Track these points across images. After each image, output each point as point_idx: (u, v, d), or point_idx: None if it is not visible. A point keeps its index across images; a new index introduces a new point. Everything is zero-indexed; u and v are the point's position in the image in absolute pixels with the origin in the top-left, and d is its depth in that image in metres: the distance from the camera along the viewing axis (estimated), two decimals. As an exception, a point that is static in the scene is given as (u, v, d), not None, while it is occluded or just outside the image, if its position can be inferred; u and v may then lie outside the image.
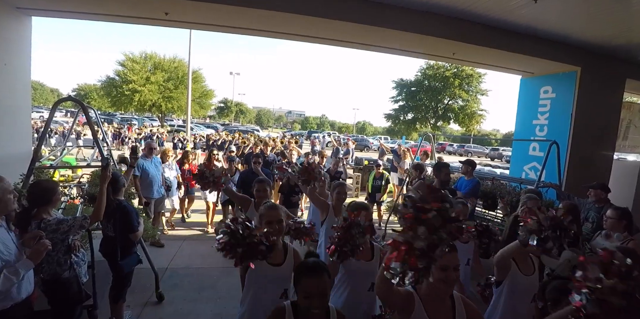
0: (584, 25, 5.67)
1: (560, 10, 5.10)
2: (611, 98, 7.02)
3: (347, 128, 70.71)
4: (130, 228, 3.17)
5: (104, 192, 2.83)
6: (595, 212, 4.07)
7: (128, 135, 20.09)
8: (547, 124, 7.04)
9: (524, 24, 5.66)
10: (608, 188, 4.16)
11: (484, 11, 5.28)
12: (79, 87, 59.45)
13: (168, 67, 32.71)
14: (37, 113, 30.97)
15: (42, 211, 2.55)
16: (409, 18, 5.30)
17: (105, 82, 33.04)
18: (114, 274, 3.23)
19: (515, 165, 7.81)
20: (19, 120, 5.26)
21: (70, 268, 2.70)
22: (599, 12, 5.08)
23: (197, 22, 5.73)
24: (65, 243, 2.65)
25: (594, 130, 6.68)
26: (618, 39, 5.99)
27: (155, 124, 34.78)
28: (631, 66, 7.12)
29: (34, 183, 2.80)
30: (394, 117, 35.97)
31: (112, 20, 5.93)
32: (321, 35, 5.99)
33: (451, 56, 6.68)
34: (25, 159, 4.85)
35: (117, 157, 5.67)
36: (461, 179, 5.51)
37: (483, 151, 35.96)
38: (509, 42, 5.94)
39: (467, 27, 5.64)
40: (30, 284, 2.23)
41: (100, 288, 3.45)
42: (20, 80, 5.23)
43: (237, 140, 14.48)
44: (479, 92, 32.92)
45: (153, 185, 5.50)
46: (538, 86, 7.29)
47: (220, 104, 56.95)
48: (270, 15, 4.90)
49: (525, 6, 4.91)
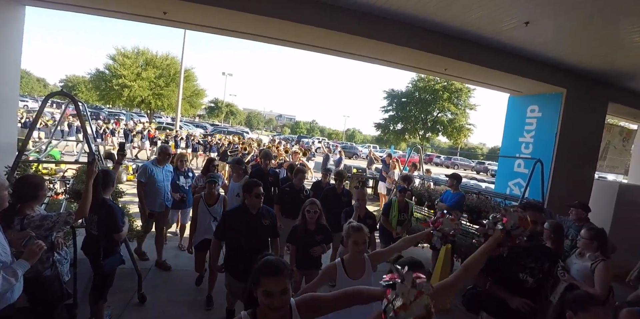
0: (572, 50, 5.89)
1: (549, 34, 5.30)
2: (594, 120, 7.26)
3: (337, 135, 71.02)
4: (115, 227, 3.12)
5: (89, 188, 2.79)
6: (575, 230, 4.19)
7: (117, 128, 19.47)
8: (533, 142, 7.24)
9: (515, 45, 5.84)
10: (588, 207, 4.31)
11: (476, 30, 5.43)
12: (67, 78, 58.28)
13: (160, 63, 32.31)
14: (21, 103, 30.25)
15: (26, 207, 2.50)
16: (403, 32, 5.41)
17: (94, 75, 32.48)
18: (95, 273, 3.18)
19: (501, 181, 7.98)
20: (6, 111, 5.14)
21: (52, 266, 2.65)
22: (586, 39, 5.32)
23: (195, 23, 5.73)
24: (48, 240, 2.60)
25: (577, 149, 6.90)
26: (603, 64, 6.24)
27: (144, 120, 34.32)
28: (614, 90, 7.41)
29: (20, 178, 2.74)
30: (384, 126, 36.26)
31: (109, 16, 5.86)
32: (315, 43, 6.05)
33: (443, 72, 6.82)
34: (10, 151, 4.77)
35: (103, 153, 5.60)
36: (447, 192, 5.62)
37: (469, 164, 36.51)
38: (500, 62, 6.11)
39: (460, 45, 5.79)
40: (21, 284, 2.18)
41: (82, 286, 3.40)
42: (9, 70, 5.12)
43: (237, 144, 13.34)
44: (468, 106, 33.51)
45: (157, 197, 4.79)
46: (525, 105, 7.50)
47: (210, 104, 56.58)
48: (267, 21, 4.95)
49: (517, 28, 5.08)
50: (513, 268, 2.52)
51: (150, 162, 4.90)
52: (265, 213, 3.35)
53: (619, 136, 9.11)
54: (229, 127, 43.63)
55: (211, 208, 4.23)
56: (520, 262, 2.51)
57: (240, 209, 3.33)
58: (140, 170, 4.83)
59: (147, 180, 4.72)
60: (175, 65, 32.10)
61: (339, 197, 5.22)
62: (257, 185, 3.25)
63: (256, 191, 3.22)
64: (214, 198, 4.30)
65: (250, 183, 3.27)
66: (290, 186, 5.00)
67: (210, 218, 4.19)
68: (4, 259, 1.99)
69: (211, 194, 4.27)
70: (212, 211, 4.21)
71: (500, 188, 7.83)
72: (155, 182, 4.75)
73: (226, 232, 3.27)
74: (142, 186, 4.73)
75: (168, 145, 6.11)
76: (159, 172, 4.82)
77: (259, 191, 3.24)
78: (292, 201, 4.82)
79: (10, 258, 2.04)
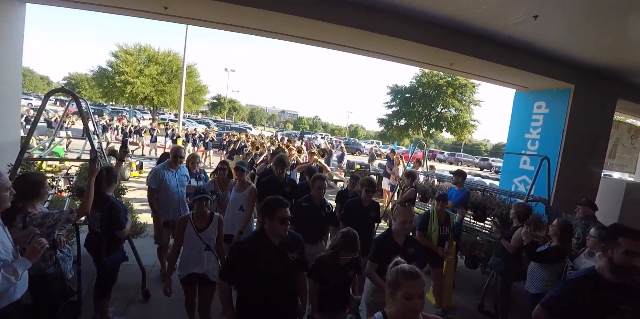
0: (580, 45, 5.79)
1: (558, 29, 5.20)
2: (602, 117, 7.17)
3: (340, 131, 70.87)
4: (118, 224, 3.12)
5: (91, 185, 2.76)
6: (581, 228, 4.15)
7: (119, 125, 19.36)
8: (539, 139, 7.16)
9: (522, 40, 5.75)
10: (596, 206, 4.25)
11: (483, 24, 5.35)
12: (70, 76, 58.40)
13: (162, 60, 32.29)
14: (25, 101, 30.37)
15: (28, 205, 2.48)
16: (409, 26, 5.34)
17: (97, 72, 32.53)
18: (99, 270, 3.18)
19: (506, 178, 7.91)
20: (9, 109, 5.13)
21: (55, 264, 2.64)
22: (596, 33, 5.21)
23: (196, 18, 5.68)
24: (50, 237, 2.58)
25: (584, 147, 6.81)
26: (612, 59, 6.14)
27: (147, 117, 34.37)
28: (623, 87, 7.29)
29: (22, 176, 2.73)
30: (387, 122, 36.13)
31: (109, 12, 5.82)
32: (319, 38, 5.99)
33: (448, 66, 6.73)
34: (13, 149, 4.75)
35: (106, 150, 5.58)
36: (451, 189, 5.57)
37: (473, 160, 36.34)
38: (506, 56, 6.02)
39: (466, 39, 5.70)
40: (24, 283, 2.16)
41: (86, 284, 3.39)
42: (11, 68, 5.10)
43: (243, 141, 12.36)
44: (472, 102, 33.31)
45: (171, 204, 4.25)
46: (532, 101, 7.41)
47: (213, 100, 56.56)
48: (269, 15, 4.89)
49: (525, 22, 4.99)
50: (605, 312, 2.00)
51: (161, 166, 4.34)
52: (290, 242, 2.47)
53: (627, 133, 8.99)
54: (232, 123, 43.62)
55: (203, 233, 3.09)
56: (613, 304, 2.00)
57: (258, 239, 2.40)
58: (150, 176, 4.28)
59: (159, 186, 4.19)
60: (178, 61, 32.08)
61: (367, 212, 4.13)
62: (282, 206, 2.37)
63: (281, 215, 2.34)
64: (205, 219, 3.15)
65: (274, 202, 2.39)
66: (308, 201, 3.88)
67: (202, 246, 3.08)
68: (4, 257, 1.97)
69: (201, 214, 3.12)
70: (204, 237, 3.09)
71: (505, 185, 7.77)
72: (167, 188, 4.19)
73: (239, 273, 2.34)
74: (153, 193, 4.18)
75: (180, 145, 5.36)
76: (171, 177, 4.26)
77: (285, 215, 2.35)
78: (311, 220, 3.76)
79: (10, 256, 2.02)
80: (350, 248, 2.64)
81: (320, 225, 3.84)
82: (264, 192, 4.06)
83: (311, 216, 3.77)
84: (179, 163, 4.36)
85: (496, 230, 4.04)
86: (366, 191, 4.15)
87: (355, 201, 4.21)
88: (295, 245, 2.51)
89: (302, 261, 2.58)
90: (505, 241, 3.91)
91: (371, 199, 4.21)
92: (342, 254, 2.66)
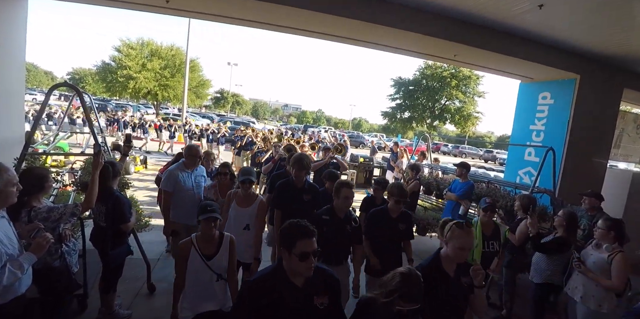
0: (586, 34, 5.69)
1: (563, 18, 5.11)
2: (608, 107, 7.08)
3: (343, 124, 70.68)
4: (122, 218, 3.14)
5: (95, 179, 2.77)
6: (587, 220, 4.12)
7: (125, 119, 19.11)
8: (544, 130, 7.09)
9: (527, 30, 5.66)
10: (602, 196, 4.22)
11: (488, 14, 5.26)
12: (74, 71, 58.41)
13: (165, 54, 32.22)
14: (30, 96, 30.47)
15: (32, 199, 2.50)
16: (411, 17, 5.27)
17: (100, 67, 32.54)
18: (104, 264, 3.20)
19: (510, 169, 7.86)
20: (13, 104, 5.15)
21: (61, 258, 2.67)
22: (602, 22, 5.12)
23: (198, 11, 5.63)
24: (55, 232, 2.61)
25: (589, 137, 6.74)
26: (618, 48, 6.03)
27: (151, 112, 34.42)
28: (629, 76, 7.18)
29: (26, 170, 2.74)
30: (391, 115, 36.00)
31: (111, 6, 5.80)
32: (322, 30, 5.92)
33: (452, 58, 6.66)
34: (17, 143, 4.78)
35: (110, 144, 5.60)
36: (455, 181, 5.55)
37: (477, 153, 36.18)
38: (511, 47, 5.94)
39: (470, 30, 5.62)
40: (29, 277, 2.18)
41: (91, 277, 3.43)
42: (15, 62, 5.10)
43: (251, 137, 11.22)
44: (476, 94, 33.05)
45: (184, 207, 3.82)
46: (537, 92, 7.32)
47: (216, 94, 56.50)
48: (272, 8, 4.83)
49: (530, 12, 4.90)
50: None
51: (175, 167, 3.94)
52: (318, 283, 1.83)
53: (633, 123, 8.88)
54: (235, 117, 43.60)
55: (213, 261, 2.49)
56: None
57: (274, 277, 1.82)
58: (164, 178, 3.89)
59: (174, 188, 3.82)
60: (180, 55, 31.96)
61: (395, 224, 3.35)
62: (305, 236, 1.72)
63: (304, 248, 1.70)
64: (213, 243, 2.55)
65: (294, 229, 1.75)
66: (330, 212, 3.12)
67: (212, 277, 2.49)
68: (11, 251, 1.99)
69: (209, 238, 2.52)
70: (214, 266, 2.49)
71: (509, 177, 7.72)
72: (182, 190, 3.81)
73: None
74: (168, 196, 3.81)
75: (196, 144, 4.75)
76: (186, 178, 3.88)
77: (308, 249, 1.70)
78: (334, 237, 2.99)
79: (17, 250, 2.04)
80: (413, 297, 1.83)
81: (346, 243, 3.15)
82: (278, 199, 3.58)
83: (334, 231, 3.02)
84: (196, 164, 3.97)
85: (501, 222, 4.02)
86: (396, 202, 3.32)
87: (380, 210, 3.43)
88: (325, 286, 1.84)
89: (336, 308, 1.90)
90: (510, 234, 3.89)
91: (401, 209, 3.41)
92: (400, 303, 1.84)
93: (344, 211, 3.15)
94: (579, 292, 3.05)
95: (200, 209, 2.51)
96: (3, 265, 1.91)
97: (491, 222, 3.72)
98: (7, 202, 2.08)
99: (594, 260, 3.01)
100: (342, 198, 3.07)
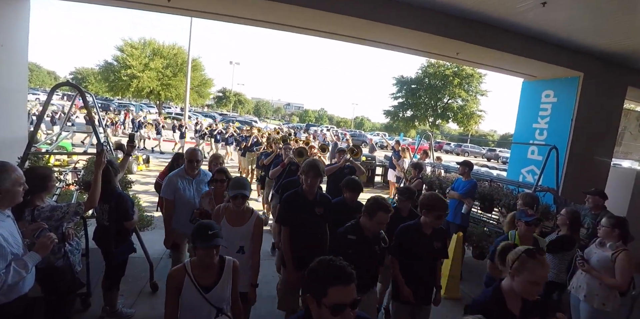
0: (590, 31, 5.65)
1: (567, 15, 5.07)
2: (612, 105, 7.03)
3: (346, 123, 70.63)
4: (125, 216, 3.15)
5: (98, 179, 2.77)
6: (591, 218, 4.10)
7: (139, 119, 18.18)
8: (547, 128, 7.05)
9: (530, 27, 5.62)
10: (605, 195, 4.19)
11: (490, 12, 5.23)
12: (77, 71, 58.66)
13: (167, 53, 32.26)
14: (32, 96, 30.60)
15: (36, 199, 2.51)
16: (413, 15, 5.23)
17: (103, 66, 32.64)
18: (107, 263, 3.22)
19: (513, 168, 7.83)
20: (15, 103, 5.16)
21: (64, 257, 2.67)
22: (606, 19, 5.07)
23: (199, 10, 5.62)
24: (59, 231, 2.61)
25: (593, 136, 6.70)
26: (622, 46, 5.98)
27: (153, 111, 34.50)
28: (634, 74, 7.12)
29: (29, 170, 2.75)
30: (393, 113, 35.93)
31: (113, 5, 5.80)
32: (324, 28, 5.90)
33: (455, 56, 6.62)
34: (20, 143, 4.79)
35: (113, 144, 5.62)
36: (458, 180, 5.53)
37: (480, 151, 36.09)
38: (514, 45, 5.90)
39: (472, 28, 5.58)
40: (32, 277, 2.20)
41: (94, 276, 3.44)
42: (17, 62, 5.12)
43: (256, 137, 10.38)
44: (479, 92, 32.94)
45: (184, 215, 3.46)
46: (540, 90, 7.28)
47: (218, 93, 56.56)
48: (273, 6, 4.81)
49: (533, 9, 4.86)
50: None
51: (176, 173, 3.65)
52: None
53: (635, 121, 8.84)
54: (237, 117, 43.64)
55: (211, 293, 2.07)
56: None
57: None
58: (164, 184, 3.62)
59: (175, 196, 3.53)
60: (182, 54, 31.98)
61: (430, 241, 2.84)
62: (341, 283, 1.33)
63: (338, 299, 1.31)
64: (213, 271, 2.13)
65: (326, 273, 1.35)
66: (357, 231, 2.65)
67: (211, 312, 2.07)
68: (16, 251, 2.00)
69: (207, 266, 2.10)
70: (213, 299, 2.07)
71: (512, 175, 7.69)
72: (182, 198, 3.51)
73: None
74: (169, 205, 3.53)
75: (198, 148, 4.39)
76: (187, 186, 3.57)
77: (345, 299, 1.31)
78: (363, 260, 2.52)
79: (21, 250, 2.06)
80: None
81: (374, 266, 2.76)
82: (285, 214, 3.12)
83: (362, 253, 2.57)
84: (194, 168, 3.61)
85: (503, 220, 4.01)
86: (436, 218, 2.78)
87: (411, 226, 2.90)
88: None
89: None
90: None
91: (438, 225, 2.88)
92: None
93: (374, 233, 2.68)
94: (582, 291, 3.04)
95: (198, 231, 2.02)
96: (8, 264, 1.92)
97: (531, 236, 3.15)
98: (13, 202, 2.09)
99: (597, 258, 3.00)
100: (375, 221, 2.57)
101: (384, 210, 2.54)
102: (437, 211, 2.77)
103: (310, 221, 3.09)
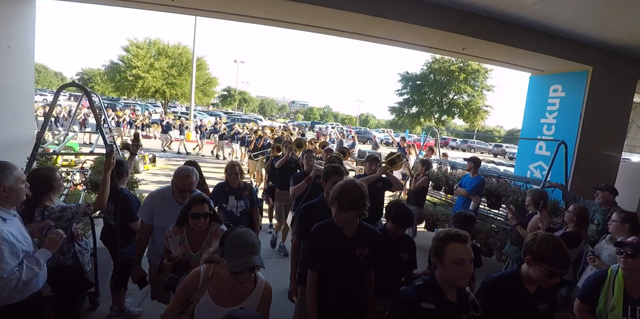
0: (598, 24, 5.55)
1: (574, 8, 4.99)
2: (621, 99, 6.92)
3: (351, 120, 70.52)
4: (131, 217, 3.16)
5: (107, 179, 2.79)
6: (601, 214, 4.05)
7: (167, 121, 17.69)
8: (555, 123, 6.96)
9: (537, 21, 5.54)
10: (616, 190, 4.13)
11: (496, 6, 5.16)
12: (83, 71, 59.10)
13: (172, 53, 32.37)
14: (40, 97, 30.92)
15: (44, 199, 2.53)
16: (419, 11, 5.19)
17: (109, 67, 32.85)
18: (115, 262, 3.24)
19: (521, 164, 7.76)
20: (23, 104, 5.21)
21: (74, 257, 2.69)
22: (614, 12, 4.98)
23: (203, 8, 5.62)
24: (68, 231, 2.63)
25: (602, 130, 6.61)
26: (632, 39, 5.87)
27: (159, 110, 34.68)
28: (644, 67, 7.00)
29: (32, 172, 2.77)
30: (398, 110, 35.71)
31: (117, 5, 5.82)
32: (328, 25, 5.87)
33: (461, 51, 6.56)
34: (28, 144, 4.84)
35: (119, 143, 5.64)
36: (466, 176, 5.49)
37: (486, 147, 35.82)
38: (521, 39, 5.82)
39: (479, 22, 5.52)
40: (45, 273, 2.23)
41: (102, 275, 3.46)
42: (24, 63, 5.16)
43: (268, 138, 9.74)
44: (485, 88, 32.61)
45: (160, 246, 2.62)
46: (548, 84, 7.19)
47: (223, 92, 56.69)
48: (277, 3, 4.81)
49: (540, 2, 4.80)
50: None
51: (159, 192, 2.89)
52: None
53: (644, 114, 8.74)
54: (242, 115, 43.73)
55: None
56: None
57: None
58: (143, 203, 2.98)
59: (152, 221, 2.80)
60: (187, 54, 32.07)
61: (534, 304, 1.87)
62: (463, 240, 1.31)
63: None
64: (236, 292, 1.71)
65: None
66: (436, 297, 1.67)
67: None
68: (27, 249, 2.04)
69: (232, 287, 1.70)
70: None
71: (520, 171, 7.62)
72: (161, 225, 2.70)
73: None
74: (146, 230, 2.83)
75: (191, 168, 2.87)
76: (170, 211, 2.73)
77: None
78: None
79: (32, 247, 2.10)
80: None
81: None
82: (313, 257, 2.15)
83: None
84: (186, 198, 2.54)
85: (512, 217, 3.97)
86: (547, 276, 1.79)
87: (506, 279, 2.09)
88: None
89: None
90: (521, 229, 3.84)
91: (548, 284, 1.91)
92: None
93: (457, 288, 1.71)
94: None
95: (231, 242, 1.59)
96: (20, 262, 1.95)
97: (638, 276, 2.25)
98: (18, 200, 2.11)
99: (608, 253, 2.96)
100: (450, 261, 1.63)
101: (456, 239, 1.65)
102: (550, 266, 1.77)
103: (349, 266, 2.11)
